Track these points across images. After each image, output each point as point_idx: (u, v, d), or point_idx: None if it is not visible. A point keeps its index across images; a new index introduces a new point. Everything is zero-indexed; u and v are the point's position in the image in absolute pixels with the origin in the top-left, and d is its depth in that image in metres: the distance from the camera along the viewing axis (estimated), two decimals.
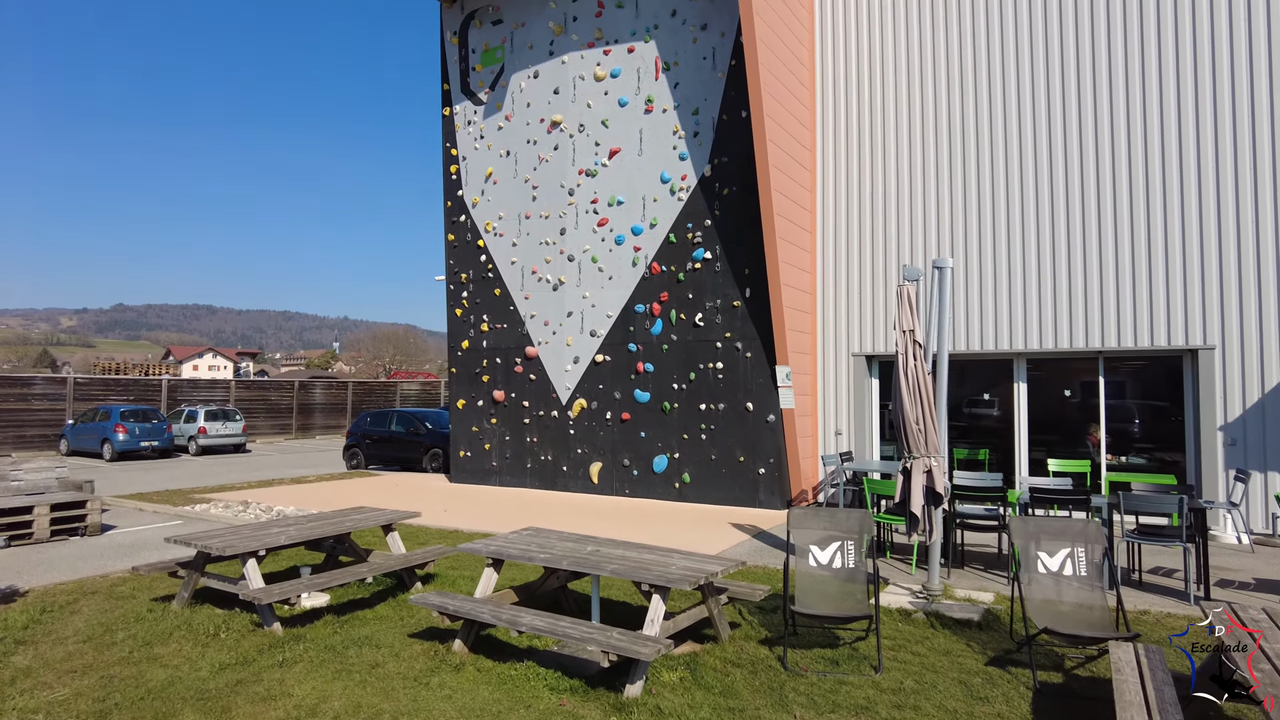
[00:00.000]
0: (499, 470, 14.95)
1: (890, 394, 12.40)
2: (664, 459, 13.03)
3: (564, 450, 14.13)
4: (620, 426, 13.50)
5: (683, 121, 12.89)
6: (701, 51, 12.71)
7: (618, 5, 13.40)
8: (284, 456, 23.60)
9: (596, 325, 13.74)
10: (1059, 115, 11.23)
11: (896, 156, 12.37)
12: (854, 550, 5.91)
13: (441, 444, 17.70)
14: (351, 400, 33.53)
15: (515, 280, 14.74)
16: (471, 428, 15.35)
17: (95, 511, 10.21)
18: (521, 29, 14.53)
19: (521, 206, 14.58)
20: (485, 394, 15.16)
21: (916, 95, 12.24)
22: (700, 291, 12.72)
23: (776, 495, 12.05)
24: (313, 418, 31.75)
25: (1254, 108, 10.19)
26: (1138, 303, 10.75)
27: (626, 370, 13.44)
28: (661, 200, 13.08)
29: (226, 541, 5.89)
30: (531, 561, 5.35)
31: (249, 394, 29.76)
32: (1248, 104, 10.21)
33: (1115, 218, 10.86)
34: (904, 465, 7.18)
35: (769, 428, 12.11)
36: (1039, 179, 11.33)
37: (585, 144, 13.80)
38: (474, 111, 15.24)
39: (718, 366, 12.55)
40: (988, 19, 11.76)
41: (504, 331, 14.91)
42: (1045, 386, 11.90)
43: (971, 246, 11.75)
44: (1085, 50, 11.09)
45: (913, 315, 7.13)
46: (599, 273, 13.70)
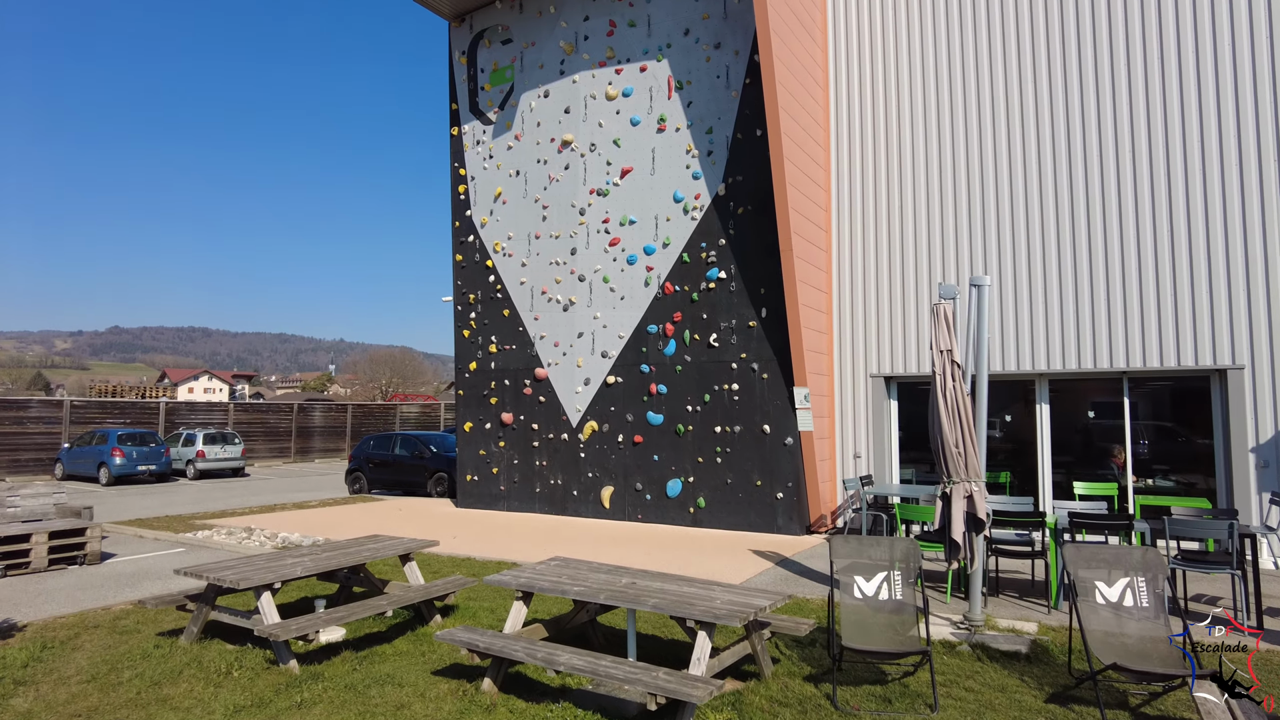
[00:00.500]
0: (507, 495, 14.62)
1: (911, 414, 12.26)
2: (678, 483, 12.73)
3: (574, 474, 13.82)
4: (632, 450, 13.22)
5: (696, 140, 12.75)
6: (715, 70, 12.61)
7: (630, 24, 13.32)
8: (283, 480, 23.21)
9: (608, 346, 13.50)
10: (1078, 128, 11.10)
11: (914, 173, 12.23)
12: (900, 581, 5.63)
13: (447, 468, 17.36)
14: (351, 423, 33.15)
15: (524, 301, 14.52)
16: (479, 451, 15.05)
17: (95, 540, 9.87)
18: (532, 48, 14.44)
19: (531, 226, 14.40)
20: (493, 416, 14.87)
21: (933, 111, 12.13)
22: (715, 311, 12.50)
23: (795, 521, 11.75)
24: (311, 441, 31.34)
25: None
26: (1163, 322, 10.56)
27: (639, 392, 13.18)
28: (674, 219, 12.90)
29: (240, 574, 5.58)
30: (565, 595, 5.06)
31: (247, 417, 29.38)
32: (1271, 115, 10.09)
33: (1138, 235, 10.69)
34: (943, 490, 6.92)
35: (787, 451, 11.84)
36: (1059, 194, 11.19)
37: (597, 163, 13.65)
38: (483, 131, 15.10)
39: (733, 388, 12.30)
40: (1004, 35, 11.68)
41: (513, 353, 14.66)
42: (1066, 407, 11.67)
43: (991, 264, 11.57)
44: (1104, 65, 10.99)
45: (950, 334, 6.90)
46: (610, 293, 13.49)
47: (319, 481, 22.88)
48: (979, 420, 6.95)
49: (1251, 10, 10.20)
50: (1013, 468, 11.88)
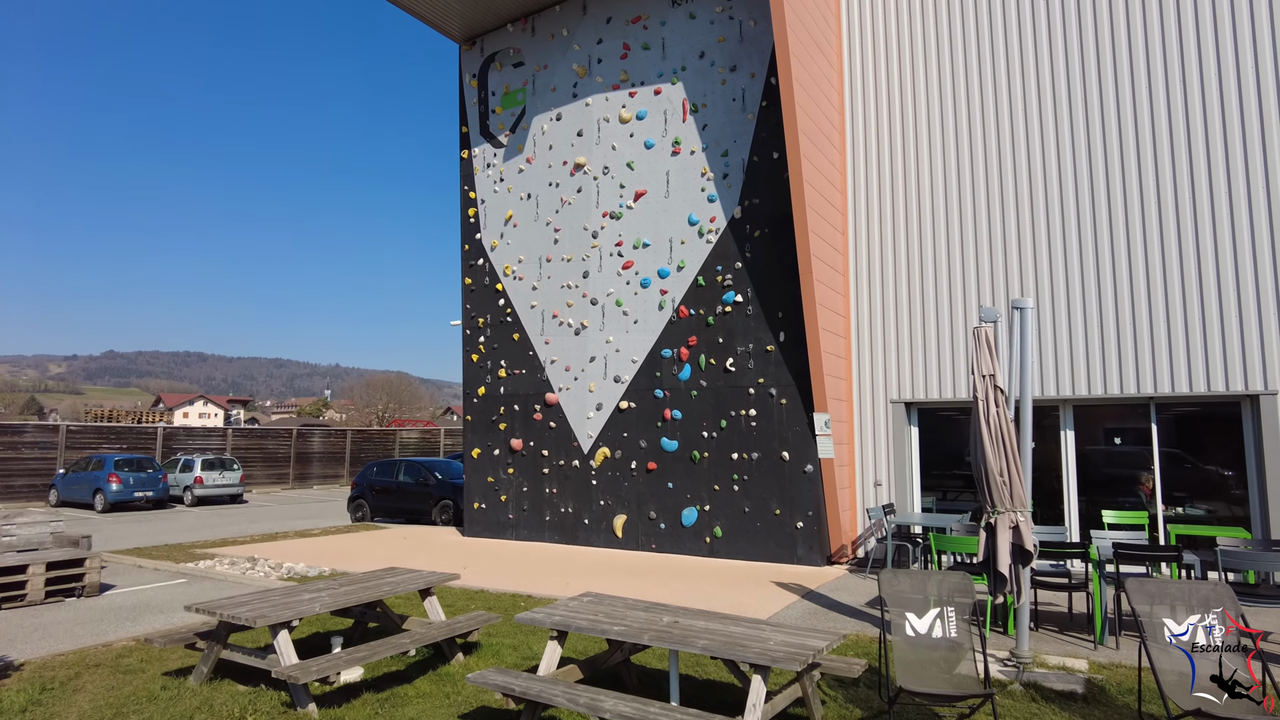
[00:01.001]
0: (515, 523, 14.27)
1: (931, 441, 11.98)
2: (693, 511, 12.41)
3: (585, 502, 13.49)
4: (646, 477, 12.91)
5: (711, 163, 12.62)
6: (731, 93, 12.51)
7: (644, 47, 13.25)
8: (282, 508, 22.77)
9: (621, 370, 13.25)
10: (1100, 146, 10.97)
11: (931, 193, 12.08)
12: (954, 617, 5.33)
13: (452, 495, 17.00)
14: (350, 449, 32.73)
15: (535, 324, 14.29)
16: (487, 478, 14.71)
17: (95, 571, 9.50)
18: (544, 71, 14.36)
19: (542, 249, 14.21)
20: (502, 443, 14.56)
21: (950, 129, 12.01)
22: (731, 336, 12.27)
23: (816, 551, 11.43)
24: (310, 467, 30.90)
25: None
26: (1192, 347, 10.35)
27: (653, 417, 12.91)
28: (689, 242, 12.72)
29: (256, 610, 5.26)
30: (605, 635, 4.75)
31: (246, 442, 28.95)
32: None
33: (1164, 258, 10.51)
34: (987, 520, 6.64)
35: (807, 478, 11.55)
36: (1081, 214, 11.02)
37: (610, 186, 13.50)
38: (494, 154, 14.97)
39: (750, 414, 12.03)
40: (1023, 49, 11.59)
41: (522, 377, 14.39)
42: (1090, 434, 11.42)
43: (1013, 286, 11.39)
44: (1125, 82, 10.89)
45: (993, 358, 6.67)
46: (623, 316, 13.26)
47: (319, 508, 22.44)
48: (1023, 448, 6.70)
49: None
50: (1034, 496, 11.59)
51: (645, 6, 13.29)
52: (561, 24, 14.15)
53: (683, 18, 12.96)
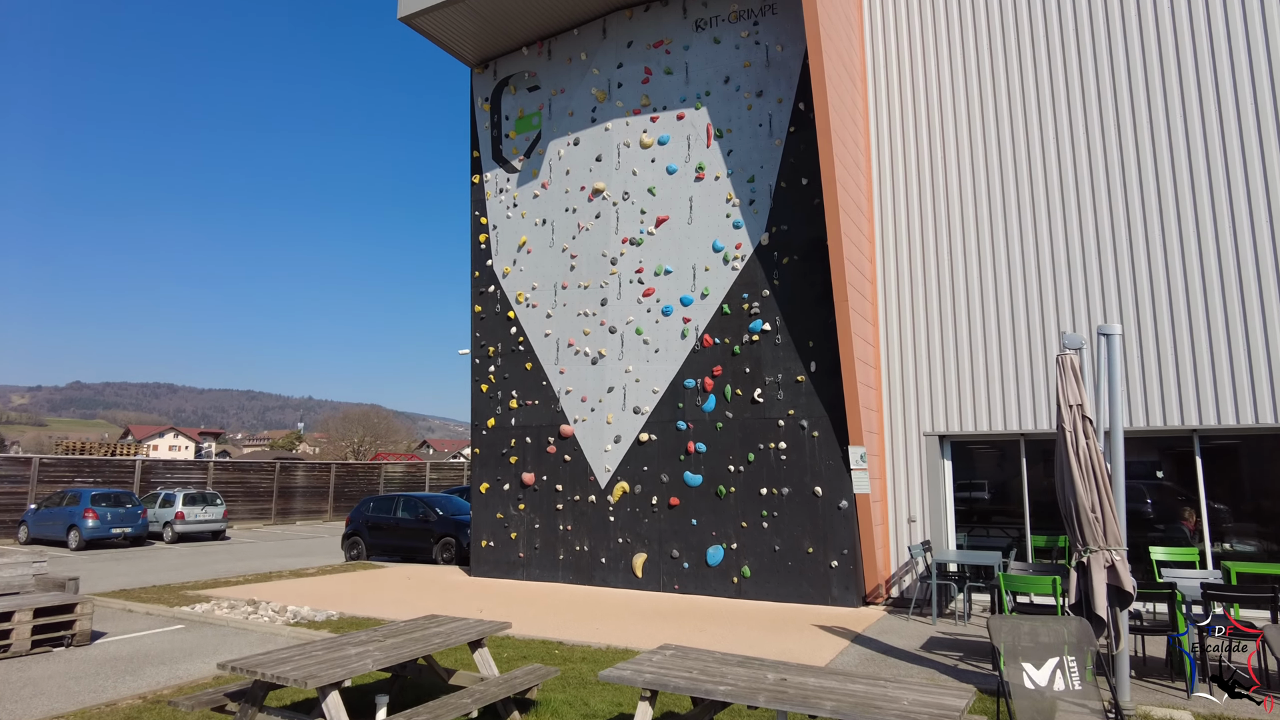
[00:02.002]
0: (526, 562, 13.59)
1: (964, 475, 11.53)
2: (719, 550, 11.86)
3: (602, 540, 12.88)
4: (668, 513, 12.35)
5: (737, 189, 12.31)
6: (757, 119, 12.27)
7: (666, 72, 13.00)
8: (268, 544, 21.78)
9: (641, 401, 12.76)
10: (1134, 171, 10.78)
11: (962, 222, 11.82)
12: (1076, 667, 4.86)
13: (454, 532, 16.27)
14: (334, 483, 31.70)
15: (549, 353, 13.78)
16: (496, 514, 14.05)
17: (86, 617, 8.72)
18: (561, 95, 14.05)
19: (558, 276, 13.77)
20: (513, 477, 13.94)
21: (980, 158, 11.78)
22: (759, 365, 11.86)
23: (852, 591, 10.91)
24: (293, 502, 29.81)
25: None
26: (1237, 378, 10.10)
27: (675, 450, 12.40)
28: (714, 269, 12.36)
29: (301, 668, 4.64)
30: (709, 696, 4.21)
31: (227, 476, 27.88)
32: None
33: (1205, 288, 10.28)
34: (1079, 559, 6.22)
35: (842, 515, 11.07)
36: (1117, 240, 10.80)
37: (630, 212, 13.14)
38: (506, 179, 14.58)
39: (780, 447, 11.57)
40: (1051, 78, 11.45)
41: (535, 408, 13.83)
42: (1131, 467, 11.08)
43: (1049, 315, 11.08)
44: (1159, 109, 10.78)
45: (1080, 387, 6.30)
46: (644, 345, 12.81)
47: (306, 545, 21.50)
48: (1116, 481, 6.31)
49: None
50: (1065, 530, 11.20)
51: (668, 31, 13.08)
52: (580, 48, 13.89)
53: (706, 42, 12.75)
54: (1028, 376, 11.16)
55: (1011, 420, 11.25)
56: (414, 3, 13.55)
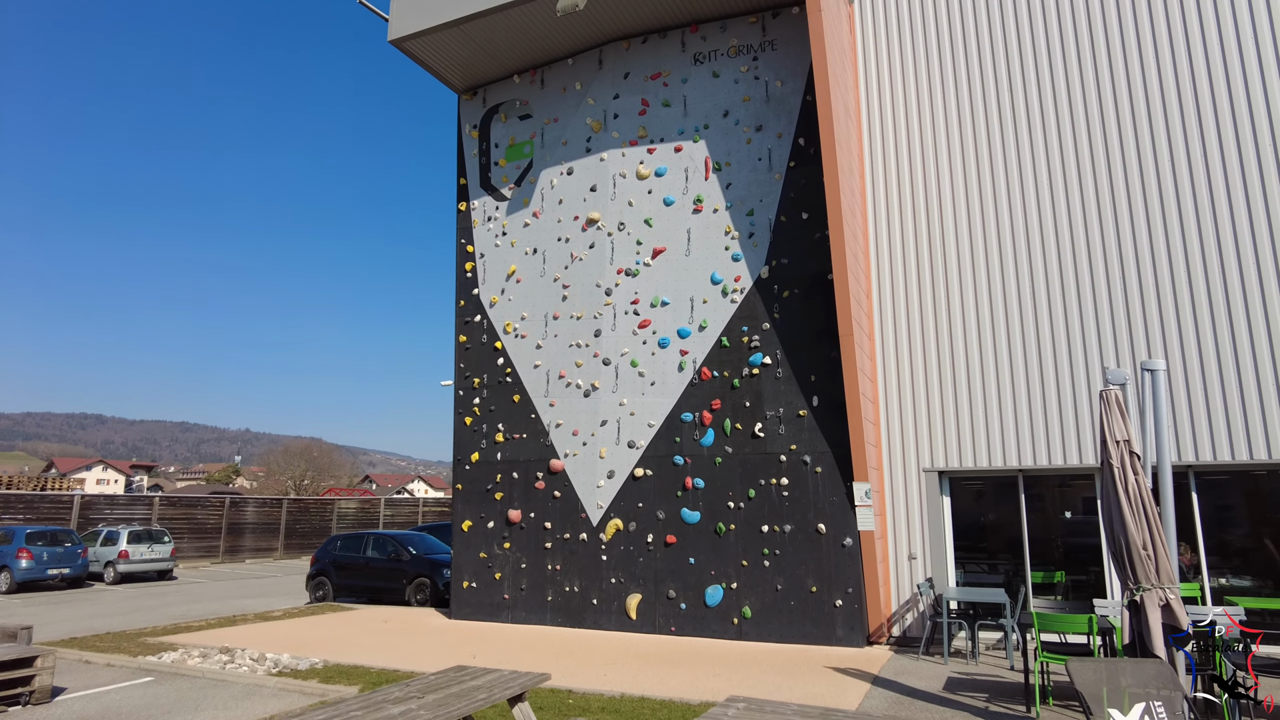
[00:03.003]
0: (512, 604, 13.00)
1: (962, 512, 11.44)
2: (719, 590, 11.52)
3: (594, 580, 12.41)
4: (664, 552, 11.98)
5: (736, 222, 12.24)
6: (756, 153, 12.27)
7: (664, 104, 12.95)
8: (219, 585, 20.55)
9: (636, 435, 12.43)
10: (1124, 197, 11.06)
11: (958, 257, 11.92)
12: (1165, 713, 4.69)
13: (429, 572, 15.54)
14: (285, 520, 30.30)
15: (538, 385, 13.38)
16: (479, 554, 13.45)
17: (47, 671, 7.91)
18: (554, 124, 13.87)
19: (549, 306, 13.44)
20: (497, 514, 13.40)
21: (975, 194, 11.94)
22: (759, 400, 11.68)
23: (856, 631, 10.68)
24: (242, 539, 28.35)
25: None
26: (1231, 415, 10.31)
27: (672, 486, 12.08)
28: (712, 302, 12.21)
29: None
30: None
31: (173, 512, 26.38)
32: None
33: (1197, 327, 10.53)
34: (1131, 598, 6.10)
35: (845, 553, 10.87)
36: (1111, 277, 11.00)
37: (625, 243, 12.94)
38: (495, 207, 14.27)
39: (782, 483, 11.36)
40: (1042, 108, 11.73)
41: (523, 442, 13.37)
42: None
43: (1045, 349, 11.20)
44: (1145, 131, 11.10)
45: (1126, 422, 6.25)
46: (639, 378, 12.53)
47: (260, 585, 20.34)
48: (1166, 518, 6.24)
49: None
50: (1066, 566, 11.25)
51: (666, 64, 13.06)
52: (574, 77, 13.77)
53: (705, 76, 12.76)
54: (1025, 412, 11.23)
55: (1011, 456, 11.27)
56: (406, 26, 13.27)
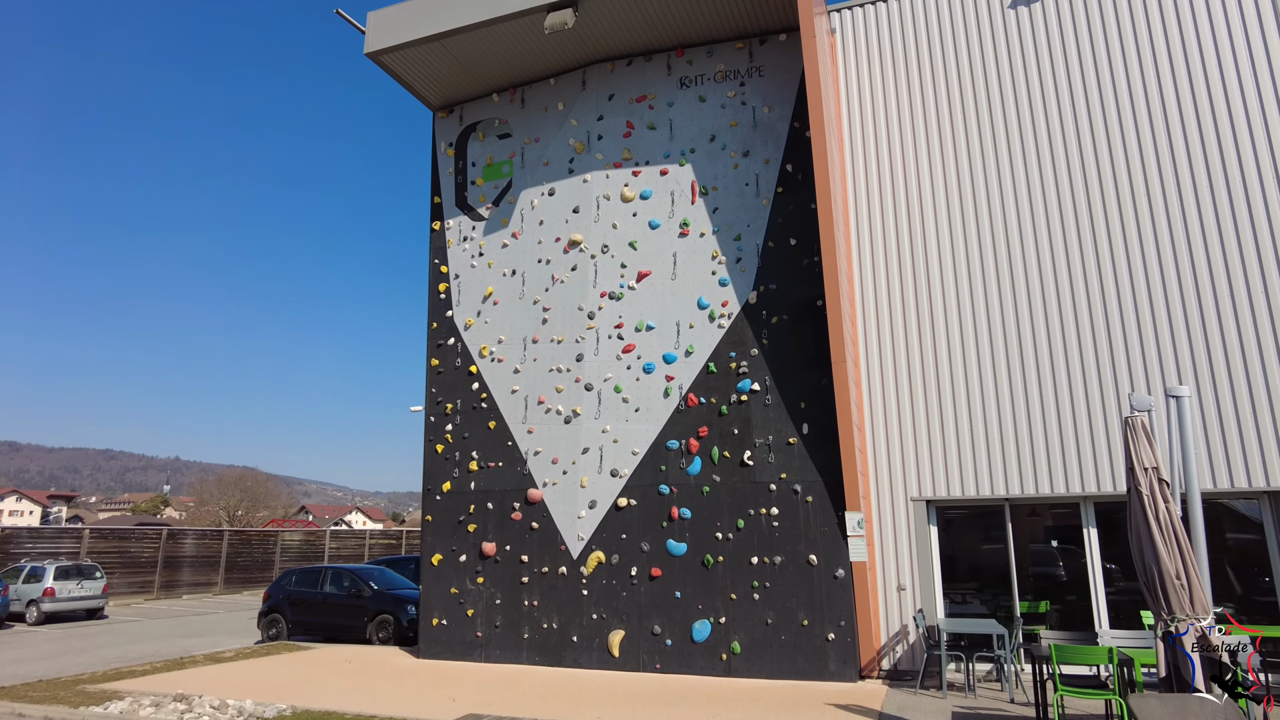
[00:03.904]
0: (485, 642, 12.36)
1: (947, 542, 11.34)
2: (706, 625, 11.13)
3: (574, 616, 11.89)
4: (649, 585, 11.56)
5: (723, 247, 12.09)
6: (743, 178, 12.18)
7: (650, 127, 12.79)
8: (156, 624, 19.21)
9: (619, 463, 12.04)
10: (1088, 234, 11.25)
11: (942, 285, 11.94)
12: None
13: (392, 609, 14.75)
14: (226, 552, 28.73)
15: (515, 412, 12.90)
16: (449, 589, 12.79)
17: None
18: (535, 144, 13.58)
19: (528, 330, 13.02)
20: (470, 547, 12.78)
21: (958, 221, 12.02)
22: (748, 427, 11.45)
23: (850, 665, 10.41)
24: (179, 573, 26.74)
25: None
26: (1211, 445, 10.48)
27: (657, 516, 11.70)
28: (699, 327, 11.98)
29: None
30: None
31: (104, 545, 24.73)
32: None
33: (1177, 358, 10.72)
34: (1166, 629, 5.97)
35: (838, 584, 10.64)
36: (1093, 302, 11.16)
37: (609, 265, 12.65)
38: (472, 227, 13.84)
39: (772, 513, 11.10)
40: (1021, 135, 11.92)
41: (498, 471, 12.83)
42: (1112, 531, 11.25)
43: (1030, 378, 11.26)
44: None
45: (1154, 449, 6.18)
46: (623, 404, 12.18)
47: (202, 623, 19.09)
48: (1198, 546, 6.16)
49: None
50: (1050, 596, 11.23)
51: (651, 86, 12.93)
52: (557, 98, 13.53)
53: (691, 100, 12.67)
54: (1012, 440, 11.24)
55: (998, 485, 11.24)
56: (384, 38, 12.88)
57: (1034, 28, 12.12)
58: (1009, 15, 12.34)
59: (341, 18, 13.04)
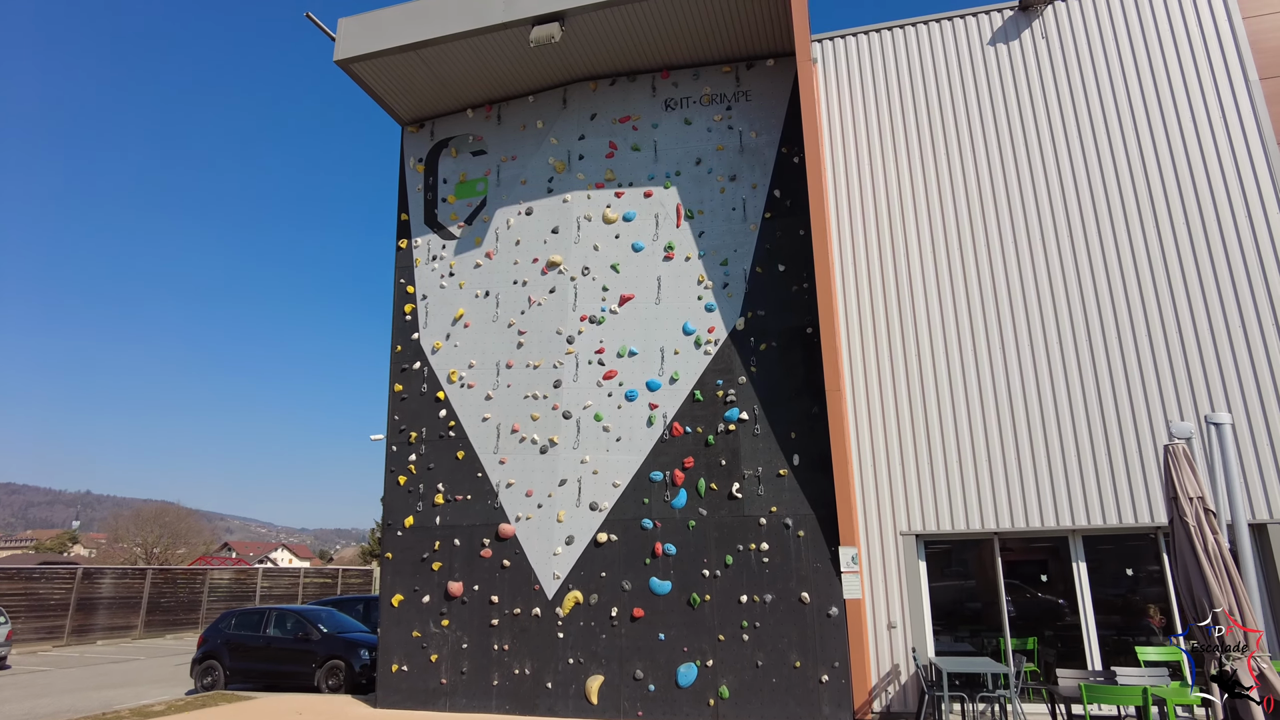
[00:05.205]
0: (450, 690, 11.44)
1: (936, 577, 11.06)
2: (692, 669, 10.51)
3: (548, 660, 11.11)
4: (630, 627, 10.90)
5: (709, 271, 11.74)
6: (730, 202, 11.90)
7: (634, 148, 12.44)
8: (69, 673, 17.44)
9: (599, 496, 11.42)
10: (1070, 263, 11.30)
11: (928, 315, 11.76)
12: None
13: (343, 653, 13.63)
14: (148, 594, 26.63)
15: (487, 441, 12.17)
16: (411, 632, 11.85)
17: None
18: (512, 162, 13.06)
19: (501, 354, 12.36)
20: (434, 587, 11.90)
21: (941, 245, 11.94)
22: (736, 457, 11.00)
23: (844, 708, 9.93)
24: (94, 617, 24.59)
25: None
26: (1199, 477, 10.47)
27: (639, 553, 11.09)
28: (685, 353, 11.55)
29: None
30: None
31: (8, 586, 22.55)
32: None
33: (1161, 393, 10.76)
34: (1219, 667, 5.67)
35: (831, 623, 10.19)
36: (1077, 331, 11.15)
37: (590, 288, 12.15)
38: (441, 246, 13.18)
39: (762, 548, 10.63)
40: (993, 174, 11.97)
41: (466, 505, 12.04)
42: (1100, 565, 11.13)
43: (1018, 409, 11.13)
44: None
45: (1197, 478, 5.95)
46: (604, 433, 11.60)
47: (122, 671, 17.41)
48: (1247, 578, 5.92)
49: None
50: (1037, 631, 11.01)
51: (635, 107, 12.61)
52: (536, 115, 13.08)
53: (677, 123, 12.39)
54: (1001, 473, 11.06)
55: (988, 518, 11.03)
56: (357, 45, 12.26)
57: (1013, 63, 12.28)
58: (988, 51, 12.49)
59: (312, 22, 12.36)
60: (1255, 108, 11.31)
